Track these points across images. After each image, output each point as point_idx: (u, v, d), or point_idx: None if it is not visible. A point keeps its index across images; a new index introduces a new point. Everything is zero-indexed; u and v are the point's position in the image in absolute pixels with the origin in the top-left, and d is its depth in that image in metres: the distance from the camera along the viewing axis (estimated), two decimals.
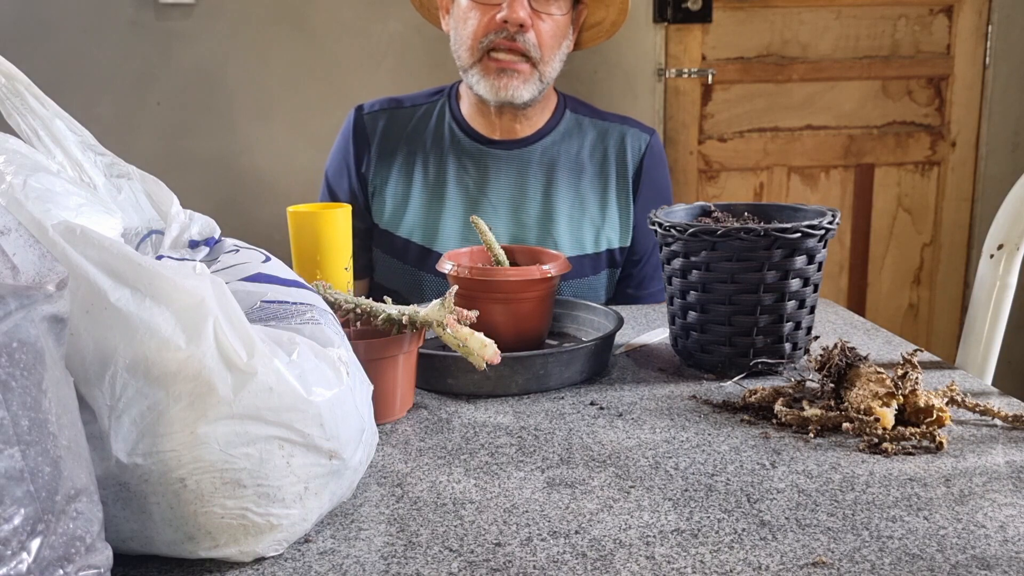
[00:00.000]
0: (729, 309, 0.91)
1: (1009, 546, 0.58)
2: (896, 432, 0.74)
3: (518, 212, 1.34)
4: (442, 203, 1.35)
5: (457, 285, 0.92)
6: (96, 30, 2.01)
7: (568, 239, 1.34)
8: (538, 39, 1.26)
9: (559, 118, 1.39)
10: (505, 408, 0.86)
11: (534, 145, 1.36)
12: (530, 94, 1.29)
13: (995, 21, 2.16)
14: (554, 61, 1.30)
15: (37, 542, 0.41)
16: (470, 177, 1.35)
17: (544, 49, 1.27)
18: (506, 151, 1.36)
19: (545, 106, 1.38)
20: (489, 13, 1.26)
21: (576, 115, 1.41)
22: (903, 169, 2.24)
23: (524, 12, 1.24)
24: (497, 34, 1.25)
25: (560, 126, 1.39)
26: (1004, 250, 1.01)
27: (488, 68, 1.27)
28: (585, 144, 1.38)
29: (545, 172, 1.36)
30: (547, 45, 1.28)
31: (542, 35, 1.27)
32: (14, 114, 0.62)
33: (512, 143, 1.36)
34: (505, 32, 1.24)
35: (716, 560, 0.57)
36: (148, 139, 2.06)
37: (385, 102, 1.42)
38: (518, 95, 1.28)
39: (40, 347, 0.43)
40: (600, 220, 1.36)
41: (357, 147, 1.39)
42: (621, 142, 1.39)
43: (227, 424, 0.54)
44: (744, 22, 2.13)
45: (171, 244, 0.67)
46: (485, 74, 1.27)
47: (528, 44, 1.25)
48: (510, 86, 1.27)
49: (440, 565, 0.57)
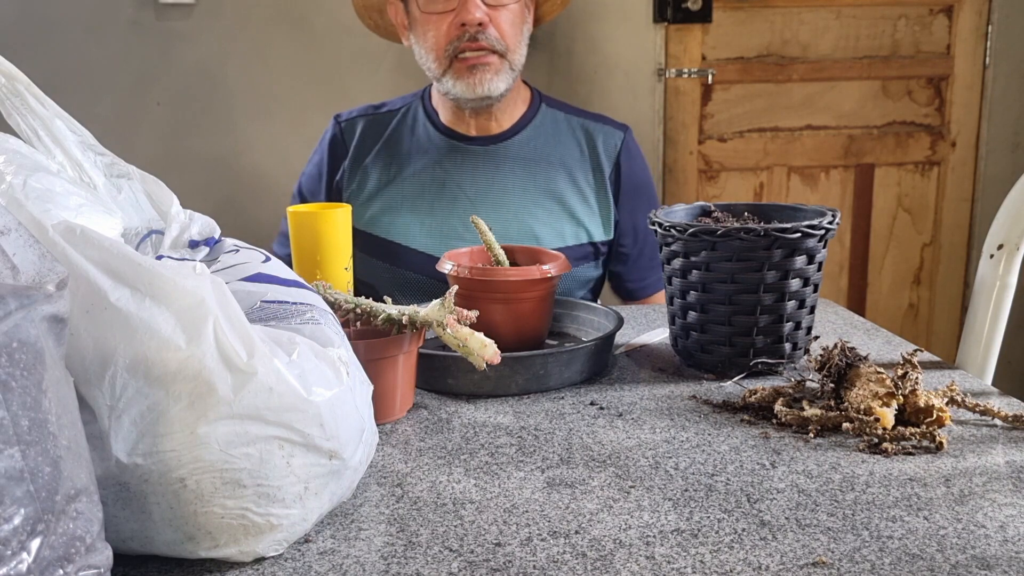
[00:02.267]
0: (729, 309, 0.91)
1: (1009, 546, 0.58)
2: (896, 432, 0.74)
3: (498, 207, 1.34)
4: (422, 204, 1.35)
5: (457, 285, 0.92)
6: (96, 30, 2.01)
7: (549, 232, 1.34)
8: (499, 32, 1.28)
9: (534, 112, 1.40)
10: (505, 408, 0.86)
11: (510, 140, 1.37)
12: (505, 84, 1.31)
13: (995, 21, 2.16)
14: (520, 47, 1.32)
15: (37, 542, 0.41)
16: (448, 175, 1.36)
17: (507, 39, 1.29)
18: (482, 147, 1.37)
19: (517, 100, 1.39)
20: (446, 20, 1.27)
21: (551, 109, 1.41)
22: (903, 169, 2.24)
23: (480, 12, 1.25)
24: (460, 39, 1.26)
25: (535, 120, 1.39)
26: (1004, 250, 1.01)
27: (460, 70, 1.28)
28: (561, 138, 1.39)
29: (522, 166, 1.36)
30: (509, 34, 1.29)
31: (502, 26, 1.28)
32: (14, 114, 0.62)
33: (488, 139, 1.37)
34: (467, 35, 1.26)
35: (716, 560, 0.57)
36: (148, 139, 2.06)
37: (362, 109, 1.44)
38: (494, 87, 1.29)
39: (40, 347, 0.43)
40: (579, 212, 1.37)
41: (333, 158, 1.41)
42: (595, 139, 1.39)
43: (227, 424, 0.54)
44: (744, 22, 2.13)
45: (171, 244, 0.67)
46: (458, 76, 1.29)
47: (491, 40, 1.27)
48: (484, 80, 1.28)
49: (440, 565, 0.57)
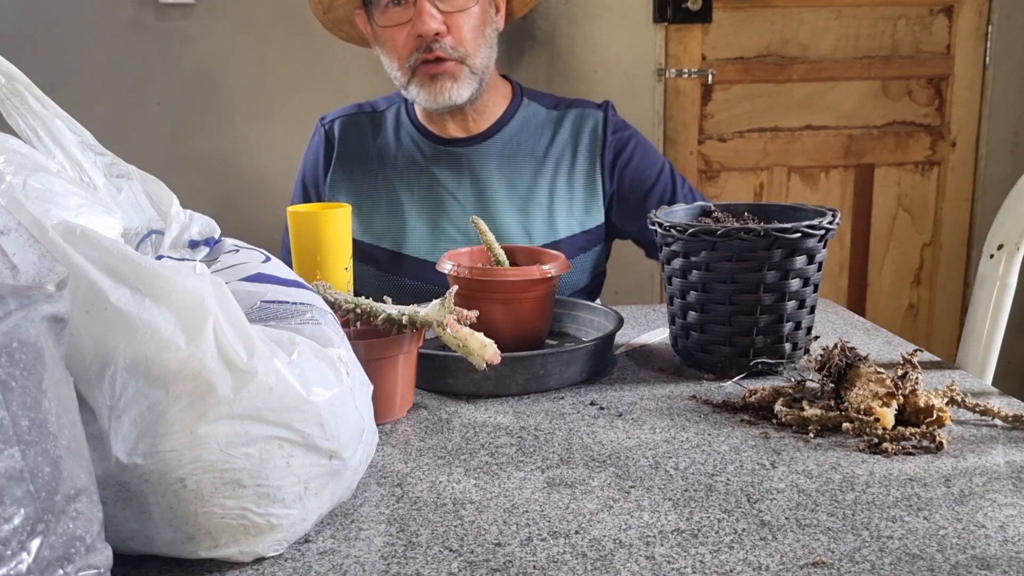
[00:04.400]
0: (729, 309, 0.91)
1: (1009, 546, 0.58)
2: (896, 432, 0.74)
3: (488, 207, 1.33)
4: (409, 207, 1.34)
5: (457, 285, 0.92)
6: (96, 30, 2.01)
7: (541, 226, 1.33)
8: (458, 38, 1.25)
9: (515, 108, 1.38)
10: (505, 408, 0.86)
11: (493, 138, 1.35)
12: (468, 91, 1.28)
13: (995, 21, 2.16)
14: (481, 51, 1.28)
15: (37, 542, 0.41)
16: (434, 179, 1.34)
17: (466, 44, 1.26)
18: (465, 148, 1.35)
19: (496, 97, 1.37)
20: (404, 31, 1.25)
21: (532, 103, 1.39)
22: (903, 169, 2.24)
23: (435, 22, 1.23)
24: (418, 49, 1.24)
25: (518, 115, 1.37)
26: (1004, 250, 1.01)
27: (423, 79, 1.27)
28: (543, 131, 1.37)
29: (508, 163, 1.35)
30: (467, 39, 1.26)
31: (460, 31, 1.25)
32: (14, 114, 0.62)
33: (471, 139, 1.35)
34: (423, 45, 1.24)
35: (716, 560, 0.57)
36: (148, 139, 2.06)
37: (344, 109, 1.42)
38: (456, 95, 1.27)
39: (40, 347, 0.43)
40: (569, 203, 1.35)
41: (322, 159, 1.40)
42: (580, 124, 1.37)
43: (227, 424, 0.54)
44: (744, 22, 2.13)
45: (171, 244, 0.67)
46: (422, 85, 1.27)
47: (447, 49, 1.24)
48: (445, 88, 1.26)
49: (440, 565, 0.57)
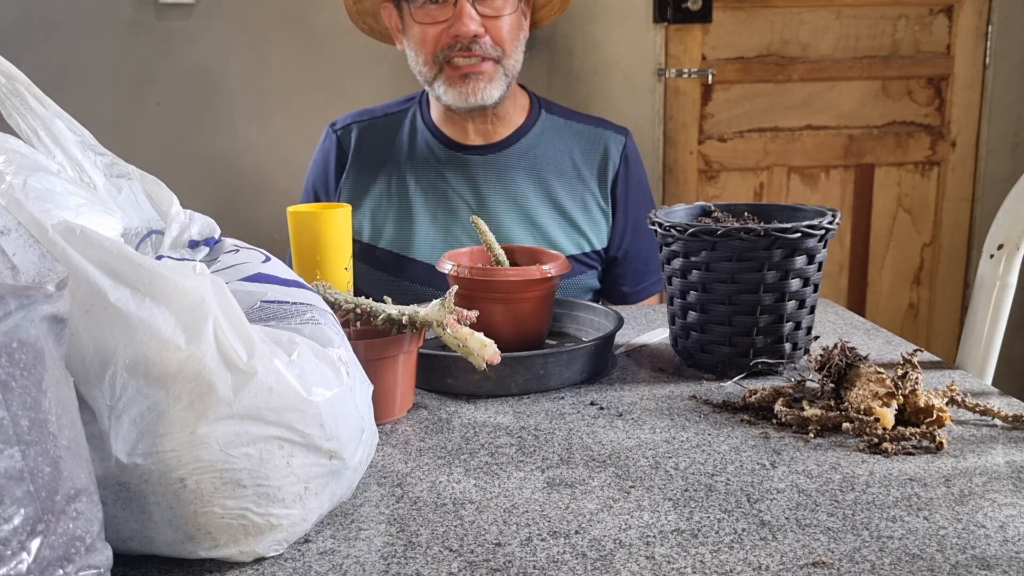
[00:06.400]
0: (729, 309, 0.91)
1: (1009, 546, 0.58)
2: (896, 432, 0.74)
3: (499, 217, 1.32)
4: (421, 212, 1.33)
5: (457, 285, 0.92)
6: (96, 30, 2.01)
7: (548, 241, 1.33)
8: (496, 37, 1.24)
9: (535, 119, 1.37)
10: (505, 408, 0.86)
11: (511, 148, 1.34)
12: (499, 92, 1.27)
13: (995, 21, 2.16)
14: (516, 53, 1.28)
15: (37, 542, 0.41)
16: (449, 186, 1.33)
17: (504, 45, 1.25)
18: (481, 156, 1.34)
19: (516, 105, 1.36)
20: (438, 29, 1.24)
21: (551, 115, 1.38)
22: (903, 169, 2.24)
23: (474, 24, 1.21)
24: (451, 47, 1.23)
25: (536, 127, 1.36)
26: (1004, 250, 1.01)
27: (452, 77, 1.25)
28: (562, 146, 1.36)
29: (524, 175, 1.33)
30: (506, 41, 1.25)
31: (500, 33, 1.24)
32: (14, 114, 0.62)
33: (488, 147, 1.34)
34: (459, 44, 1.23)
35: (716, 560, 0.57)
36: (148, 139, 2.06)
37: (356, 115, 1.41)
38: (488, 96, 1.26)
39: (40, 347, 0.43)
40: (579, 221, 1.35)
41: (334, 166, 1.38)
42: (598, 145, 1.37)
43: (227, 424, 0.54)
44: (744, 22, 2.13)
45: (171, 244, 0.67)
46: (450, 84, 1.25)
47: (486, 48, 1.23)
48: (477, 89, 1.25)
49: (440, 565, 0.57)
